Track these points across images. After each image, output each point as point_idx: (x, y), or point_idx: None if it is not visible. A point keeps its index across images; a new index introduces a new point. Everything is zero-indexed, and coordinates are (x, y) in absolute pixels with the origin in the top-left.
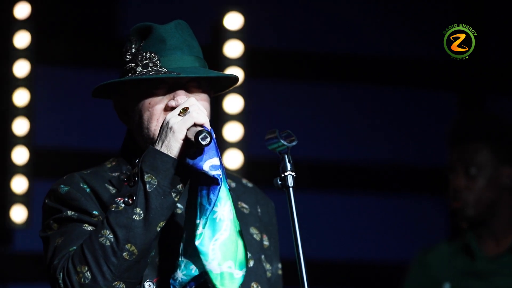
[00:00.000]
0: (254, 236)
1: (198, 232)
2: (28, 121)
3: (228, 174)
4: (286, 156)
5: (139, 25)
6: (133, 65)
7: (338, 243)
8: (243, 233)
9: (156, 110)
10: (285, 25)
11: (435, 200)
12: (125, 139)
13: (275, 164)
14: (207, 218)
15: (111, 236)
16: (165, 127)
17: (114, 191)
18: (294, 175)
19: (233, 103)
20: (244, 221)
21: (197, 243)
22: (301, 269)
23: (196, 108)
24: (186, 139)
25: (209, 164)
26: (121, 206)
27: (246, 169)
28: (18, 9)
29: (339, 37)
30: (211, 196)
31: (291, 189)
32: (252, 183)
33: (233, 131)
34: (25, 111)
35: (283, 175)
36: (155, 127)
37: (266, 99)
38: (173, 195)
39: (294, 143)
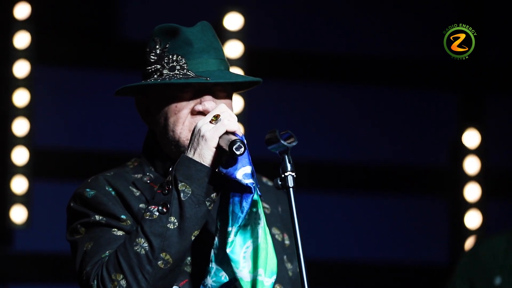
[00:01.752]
0: (276, 236)
1: (230, 239)
2: (28, 121)
3: None
4: (286, 156)
5: (164, 26)
6: (159, 66)
7: (338, 243)
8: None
9: (182, 114)
10: (285, 25)
11: (435, 200)
12: (146, 139)
13: (276, 164)
14: (238, 226)
15: (146, 245)
16: (196, 135)
17: (138, 193)
18: (294, 176)
19: (233, 103)
20: (266, 221)
21: (228, 250)
22: (301, 269)
23: (227, 115)
24: (219, 147)
25: (242, 172)
26: (156, 215)
27: None
28: (18, 9)
29: (339, 37)
30: (244, 204)
31: (291, 189)
32: (272, 182)
33: None
34: (25, 111)
35: (283, 176)
36: (180, 131)
37: (266, 99)
38: (207, 204)
39: (294, 144)
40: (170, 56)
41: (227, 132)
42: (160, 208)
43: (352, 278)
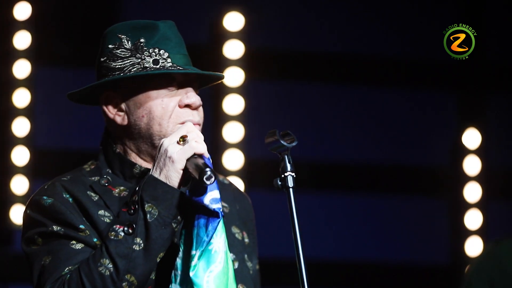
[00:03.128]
0: (236, 235)
1: (193, 263)
2: (28, 121)
3: None
4: (286, 156)
5: (133, 22)
6: (137, 60)
7: (338, 243)
8: (226, 232)
9: (169, 106)
10: (286, 25)
11: (435, 200)
12: (102, 141)
13: (275, 164)
14: (203, 250)
15: (111, 266)
16: (163, 155)
17: (96, 198)
18: (294, 176)
19: (233, 103)
20: (225, 220)
21: (191, 274)
22: (301, 269)
23: (195, 135)
24: (185, 169)
25: (210, 197)
26: (121, 235)
27: (246, 170)
28: (18, 9)
29: (339, 37)
30: (210, 228)
31: (291, 189)
32: (228, 180)
33: (233, 132)
34: (25, 112)
35: (283, 176)
36: (167, 123)
37: (266, 99)
38: (173, 225)
39: (294, 144)
40: (151, 50)
41: (195, 155)
42: (126, 228)
43: (352, 278)
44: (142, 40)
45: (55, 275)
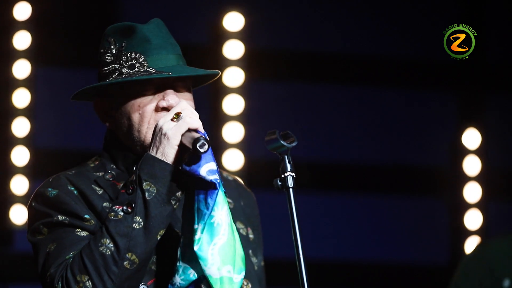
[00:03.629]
0: (241, 231)
1: (197, 237)
2: (28, 121)
3: None
4: (286, 156)
5: (118, 25)
6: (117, 66)
7: (338, 243)
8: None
9: (146, 112)
10: (285, 25)
11: (435, 200)
12: (106, 137)
13: (275, 165)
14: (205, 223)
15: (112, 245)
16: (158, 133)
17: (101, 192)
18: (294, 176)
19: (233, 103)
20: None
21: (195, 248)
22: (301, 269)
23: (189, 112)
24: (181, 145)
25: (206, 169)
26: (120, 215)
27: (246, 170)
28: (18, 9)
29: (339, 37)
30: (209, 200)
31: (291, 189)
32: (233, 176)
33: (233, 132)
34: (25, 112)
35: (283, 176)
36: (146, 129)
37: (266, 99)
38: (173, 202)
39: (294, 144)
40: (128, 55)
41: (189, 130)
42: (125, 208)
43: (352, 278)
44: (123, 44)
45: (59, 260)
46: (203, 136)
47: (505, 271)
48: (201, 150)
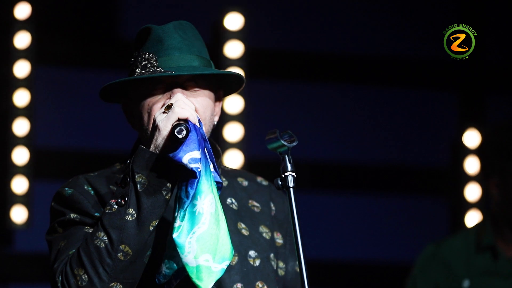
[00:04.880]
0: (264, 234)
1: (176, 225)
2: (28, 121)
3: (241, 172)
4: (286, 156)
5: (141, 28)
6: (134, 67)
7: (339, 243)
8: (251, 231)
9: (154, 111)
10: (285, 25)
11: (435, 200)
12: (136, 142)
13: (276, 164)
14: (185, 211)
15: (105, 238)
16: (152, 126)
17: None
18: (295, 176)
19: (233, 103)
20: (253, 220)
21: (174, 235)
22: (301, 269)
23: (180, 103)
24: (173, 136)
25: (188, 157)
26: (114, 208)
27: (247, 170)
28: (18, 9)
29: (339, 37)
30: (189, 189)
31: (291, 189)
32: (268, 182)
33: (234, 132)
34: (25, 112)
35: (283, 176)
36: None
37: (266, 99)
38: (164, 193)
39: (294, 144)
40: (143, 55)
41: (179, 120)
42: (118, 200)
43: (352, 278)
44: (141, 46)
45: (63, 256)
46: (183, 124)
47: (463, 272)
48: (179, 136)
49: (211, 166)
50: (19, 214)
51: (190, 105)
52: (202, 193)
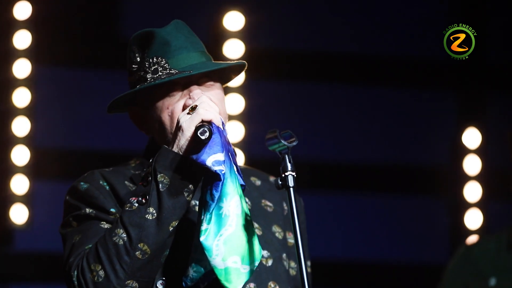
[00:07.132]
0: (276, 234)
1: (203, 228)
2: (28, 121)
3: (254, 171)
4: (286, 156)
5: (139, 33)
6: (142, 73)
7: (339, 243)
8: (264, 231)
9: (175, 112)
10: (285, 25)
11: (435, 200)
12: (148, 143)
13: (276, 164)
14: (211, 214)
15: (124, 235)
16: (175, 127)
17: (134, 188)
18: (295, 175)
19: (233, 103)
20: (266, 219)
21: (201, 239)
22: (302, 269)
23: (205, 105)
24: (196, 137)
25: (212, 159)
26: (135, 206)
27: None
28: (18, 9)
29: (339, 37)
30: (214, 192)
31: (291, 189)
32: None
33: (234, 131)
34: (25, 112)
35: (283, 175)
36: None
37: (267, 98)
38: (185, 194)
39: (294, 143)
40: (151, 60)
41: (202, 121)
42: (139, 199)
43: (352, 278)
44: (145, 51)
45: (79, 250)
46: (206, 125)
47: (490, 270)
48: (202, 137)
49: (235, 168)
50: (19, 214)
51: (214, 108)
52: (228, 195)
